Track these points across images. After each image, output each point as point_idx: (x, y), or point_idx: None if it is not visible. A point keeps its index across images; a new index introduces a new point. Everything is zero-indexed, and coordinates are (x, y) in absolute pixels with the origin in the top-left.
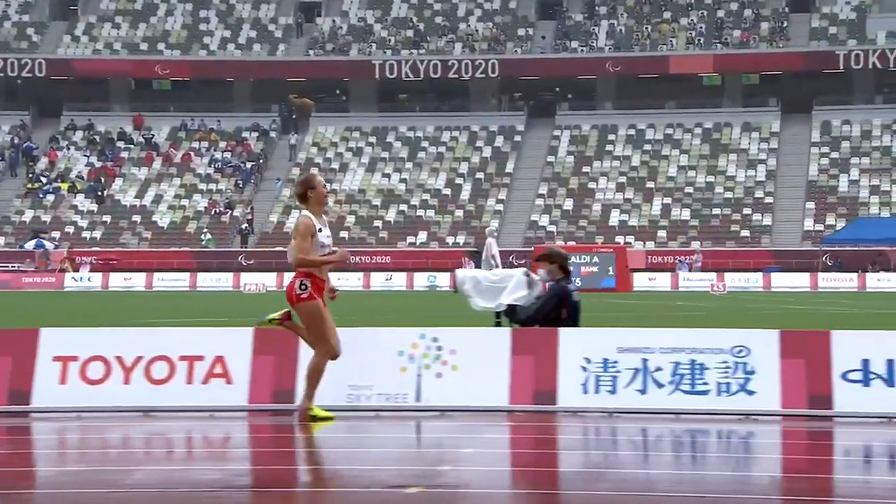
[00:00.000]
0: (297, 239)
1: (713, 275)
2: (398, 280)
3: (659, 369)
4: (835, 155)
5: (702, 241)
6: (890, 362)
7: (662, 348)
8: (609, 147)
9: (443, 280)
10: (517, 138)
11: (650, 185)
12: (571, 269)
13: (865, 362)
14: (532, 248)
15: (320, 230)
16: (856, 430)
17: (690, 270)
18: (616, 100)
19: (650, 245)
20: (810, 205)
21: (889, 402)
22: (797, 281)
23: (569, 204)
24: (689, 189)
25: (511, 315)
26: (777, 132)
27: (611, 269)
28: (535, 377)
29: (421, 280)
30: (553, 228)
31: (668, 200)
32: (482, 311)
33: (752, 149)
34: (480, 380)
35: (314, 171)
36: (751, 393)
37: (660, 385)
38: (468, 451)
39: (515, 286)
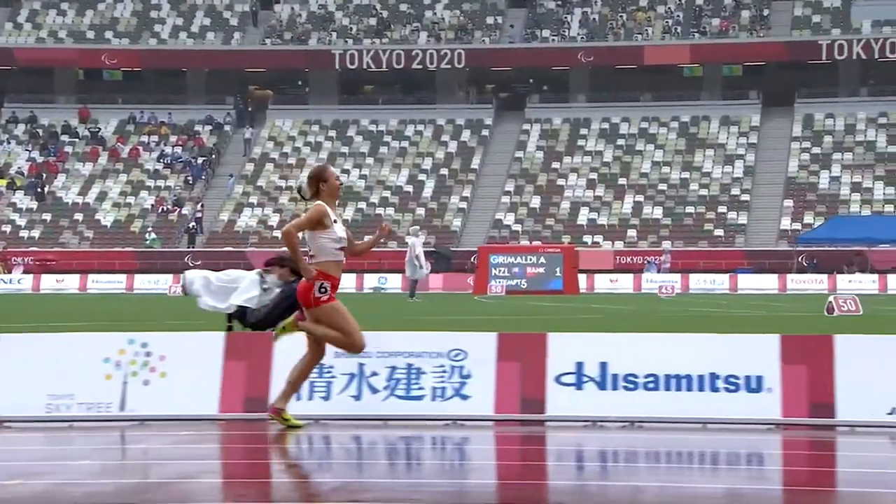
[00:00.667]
0: (303, 217)
1: (696, 276)
2: (346, 281)
3: (375, 374)
4: (816, 150)
5: (673, 241)
6: (603, 365)
7: (380, 352)
8: (581, 142)
9: (394, 282)
10: (485, 132)
11: (622, 181)
12: None
13: (579, 365)
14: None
15: (335, 221)
16: (564, 434)
17: (659, 271)
18: (590, 92)
19: (619, 245)
20: (788, 202)
21: (600, 406)
22: (765, 282)
23: (536, 202)
24: (663, 186)
25: (242, 318)
26: (757, 126)
27: (558, 270)
28: (247, 383)
29: (371, 281)
30: (518, 227)
31: (640, 198)
32: (210, 310)
33: (731, 144)
34: (190, 387)
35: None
36: (465, 397)
37: (374, 390)
38: (173, 463)
39: (248, 286)
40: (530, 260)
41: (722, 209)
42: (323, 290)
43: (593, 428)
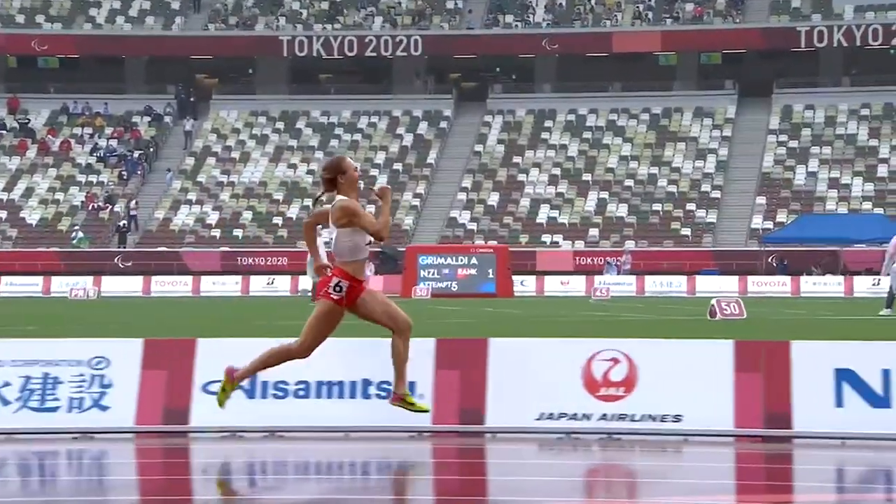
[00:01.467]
0: (355, 218)
1: (653, 278)
2: (281, 284)
3: (7, 385)
4: (793, 144)
5: (637, 241)
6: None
7: (14, 361)
8: (545, 135)
9: (282, 283)
10: (443, 125)
11: (586, 177)
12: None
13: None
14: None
15: None
16: (204, 446)
17: (619, 273)
18: (556, 82)
19: (580, 245)
20: (761, 200)
21: (243, 415)
22: (726, 285)
23: (494, 198)
24: (629, 182)
25: None
26: (732, 118)
27: (490, 272)
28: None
29: (307, 283)
30: (473, 226)
31: (604, 195)
32: None
33: (703, 137)
34: None
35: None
36: (104, 408)
37: (6, 402)
38: None
39: None
40: (461, 261)
41: (691, 207)
42: (338, 289)
43: (233, 439)
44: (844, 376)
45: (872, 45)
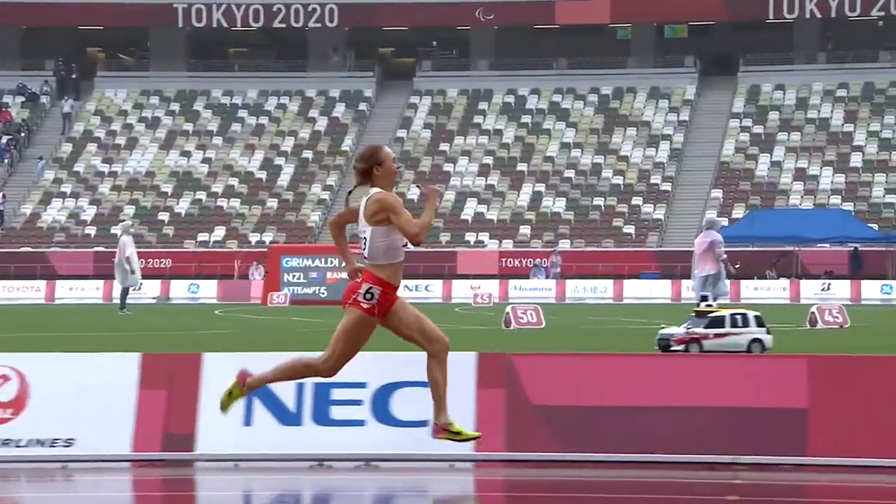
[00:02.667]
0: (393, 215)
1: (577, 282)
2: (150, 289)
3: None
4: (758, 129)
5: (573, 240)
6: None
7: None
8: (478, 118)
9: (207, 290)
10: (362, 107)
11: (521, 167)
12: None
13: None
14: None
15: None
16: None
17: (548, 277)
18: (493, 58)
19: (508, 244)
20: (717, 193)
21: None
22: (657, 290)
23: (415, 191)
24: (570, 173)
25: None
26: (691, 100)
27: None
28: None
29: (179, 289)
30: None
31: (540, 187)
32: None
33: (657, 121)
34: None
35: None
36: None
37: None
38: None
39: None
40: (331, 263)
41: (637, 201)
42: (370, 296)
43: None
44: (256, 392)
45: (850, 15)
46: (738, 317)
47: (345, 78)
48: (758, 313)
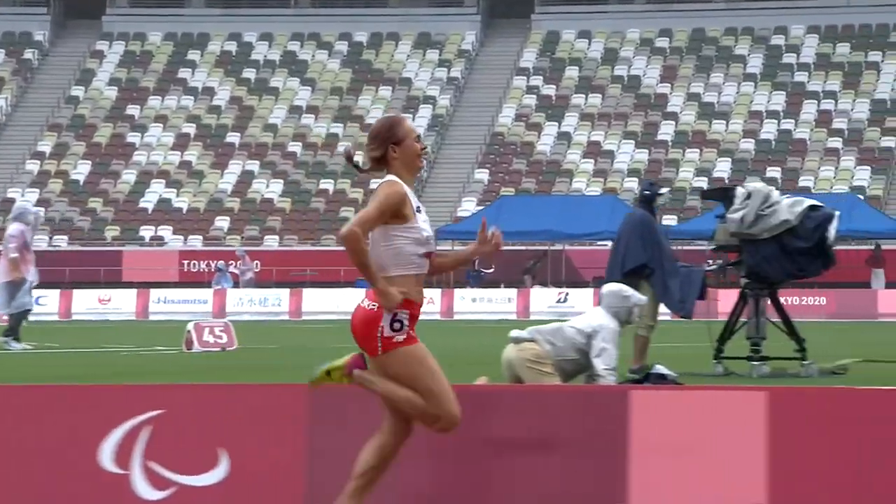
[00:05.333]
0: (367, 207)
1: (274, 291)
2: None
3: None
4: (549, 90)
5: (283, 236)
6: None
7: None
8: (185, 73)
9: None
10: (28, 55)
11: (232, 138)
12: None
13: None
14: None
15: (419, 210)
16: None
17: (238, 284)
18: None
19: (196, 242)
20: (482, 174)
21: None
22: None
23: (83, 169)
24: (295, 147)
25: None
26: (469, 51)
27: None
28: None
29: None
30: (41, 211)
31: (252, 165)
32: None
33: (422, 78)
34: None
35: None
36: None
37: None
38: None
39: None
40: None
41: (375, 185)
42: (398, 325)
43: None
44: None
45: None
46: None
47: (8, 16)
48: None
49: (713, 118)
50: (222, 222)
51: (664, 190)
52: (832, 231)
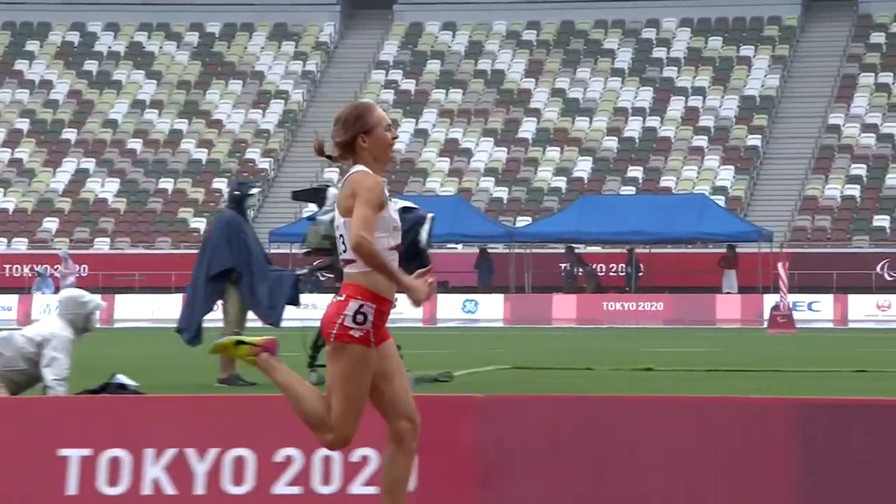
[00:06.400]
0: (358, 199)
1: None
2: None
3: None
4: (409, 85)
5: (113, 238)
6: None
7: None
8: (21, 64)
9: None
10: None
11: (69, 134)
12: None
13: None
14: None
15: (389, 200)
16: None
17: (58, 290)
18: None
19: (20, 245)
20: (331, 173)
21: None
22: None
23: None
24: (135, 143)
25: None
26: (327, 42)
27: None
28: None
29: None
30: None
31: (88, 163)
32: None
33: (276, 71)
34: None
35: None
36: None
37: None
38: None
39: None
40: None
41: (220, 183)
42: (361, 318)
43: None
44: None
45: None
46: None
47: None
48: None
49: (577, 115)
50: (51, 224)
51: (255, 190)
52: (424, 234)
